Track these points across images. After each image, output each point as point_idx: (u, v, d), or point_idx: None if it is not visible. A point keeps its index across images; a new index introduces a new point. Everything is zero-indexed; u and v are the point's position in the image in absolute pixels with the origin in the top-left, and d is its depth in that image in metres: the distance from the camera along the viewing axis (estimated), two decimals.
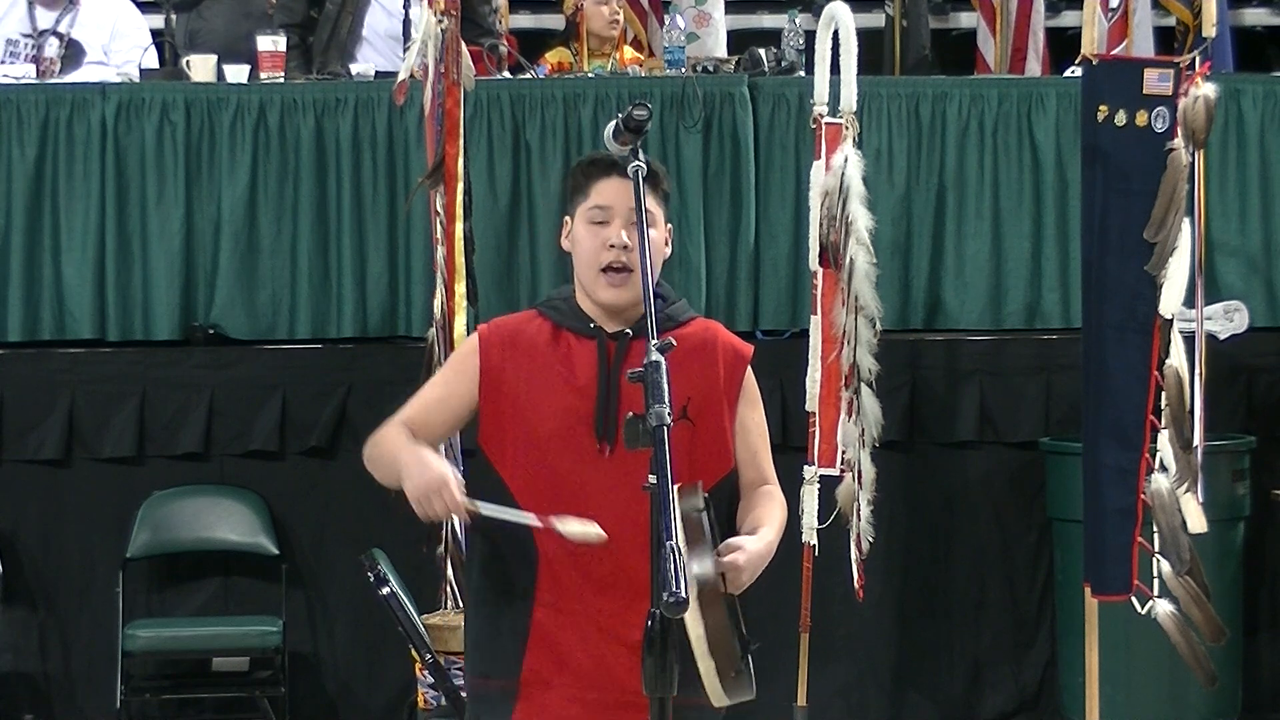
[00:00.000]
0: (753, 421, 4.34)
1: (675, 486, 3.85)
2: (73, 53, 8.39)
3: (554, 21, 9.65)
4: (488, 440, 4.27)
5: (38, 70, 8.18)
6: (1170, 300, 6.33)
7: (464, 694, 4.54)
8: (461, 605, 6.66)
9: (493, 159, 7.91)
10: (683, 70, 8.17)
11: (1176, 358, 6.36)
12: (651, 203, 4.20)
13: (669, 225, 4.32)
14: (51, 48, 8.38)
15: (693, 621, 3.81)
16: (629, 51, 9.32)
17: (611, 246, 4.21)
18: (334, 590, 7.82)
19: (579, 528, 4.07)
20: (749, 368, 4.35)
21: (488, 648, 4.31)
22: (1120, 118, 6.36)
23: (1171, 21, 10.20)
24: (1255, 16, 10.74)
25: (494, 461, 4.26)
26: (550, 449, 4.22)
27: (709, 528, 3.97)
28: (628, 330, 4.25)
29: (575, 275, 4.32)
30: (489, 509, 4.11)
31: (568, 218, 4.32)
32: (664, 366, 3.82)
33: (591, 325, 4.27)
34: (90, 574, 7.76)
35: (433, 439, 4.31)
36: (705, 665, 3.85)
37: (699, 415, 4.19)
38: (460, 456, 5.85)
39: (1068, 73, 8.26)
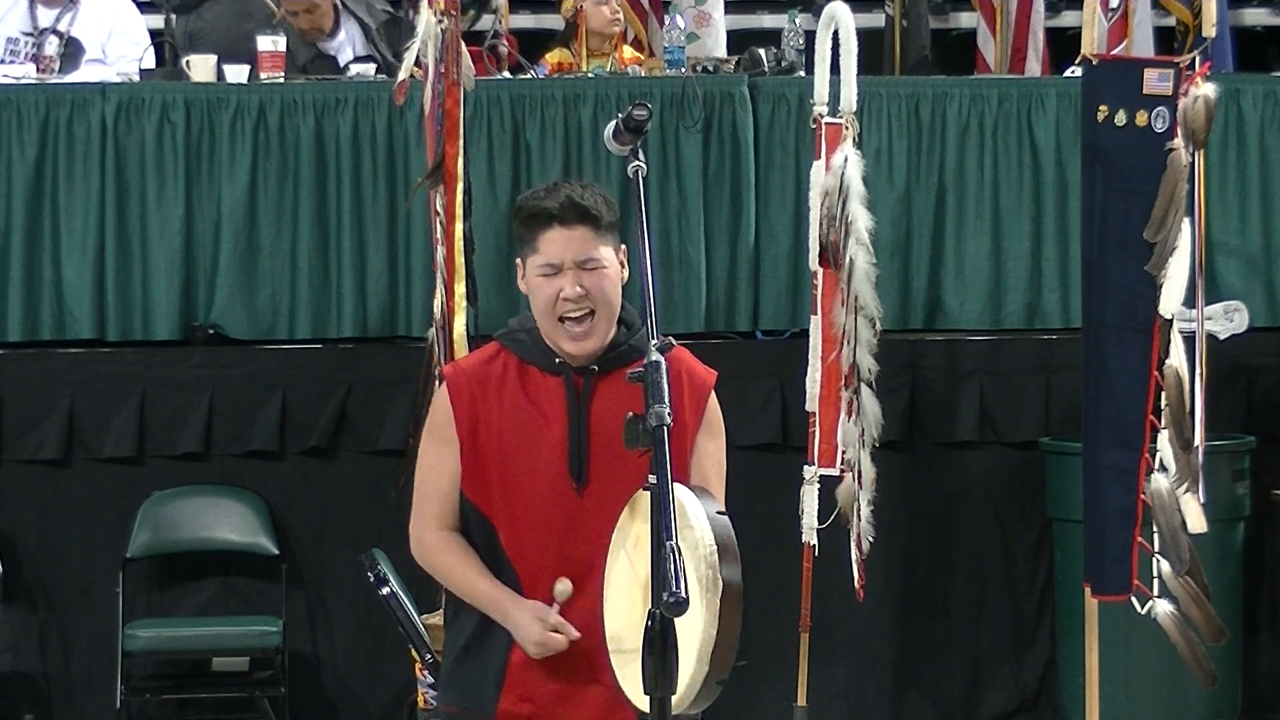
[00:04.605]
0: (708, 451, 4.29)
1: (695, 489, 3.85)
2: (72, 51, 8.40)
3: (554, 21, 9.64)
4: (470, 487, 4.27)
5: (37, 68, 8.18)
6: (1170, 300, 6.32)
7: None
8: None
9: (493, 159, 7.90)
10: (683, 70, 8.17)
11: (1176, 358, 6.35)
12: (602, 247, 4.17)
13: (623, 246, 4.24)
14: (51, 46, 8.39)
15: (707, 622, 3.78)
16: (629, 51, 9.31)
17: (565, 299, 4.17)
18: (334, 590, 7.82)
19: (558, 594, 4.19)
20: (713, 396, 4.31)
21: (463, 684, 4.33)
22: (1120, 118, 6.35)
23: (1171, 21, 10.19)
24: (1255, 16, 10.73)
25: (480, 507, 4.26)
26: (527, 491, 4.22)
27: (733, 534, 3.92)
28: (594, 366, 4.23)
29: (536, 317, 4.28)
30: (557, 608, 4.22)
31: (520, 261, 4.27)
32: (664, 366, 3.80)
33: (557, 361, 4.24)
34: (90, 574, 7.76)
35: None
36: (696, 670, 3.79)
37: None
38: None
39: (1068, 73, 8.26)
